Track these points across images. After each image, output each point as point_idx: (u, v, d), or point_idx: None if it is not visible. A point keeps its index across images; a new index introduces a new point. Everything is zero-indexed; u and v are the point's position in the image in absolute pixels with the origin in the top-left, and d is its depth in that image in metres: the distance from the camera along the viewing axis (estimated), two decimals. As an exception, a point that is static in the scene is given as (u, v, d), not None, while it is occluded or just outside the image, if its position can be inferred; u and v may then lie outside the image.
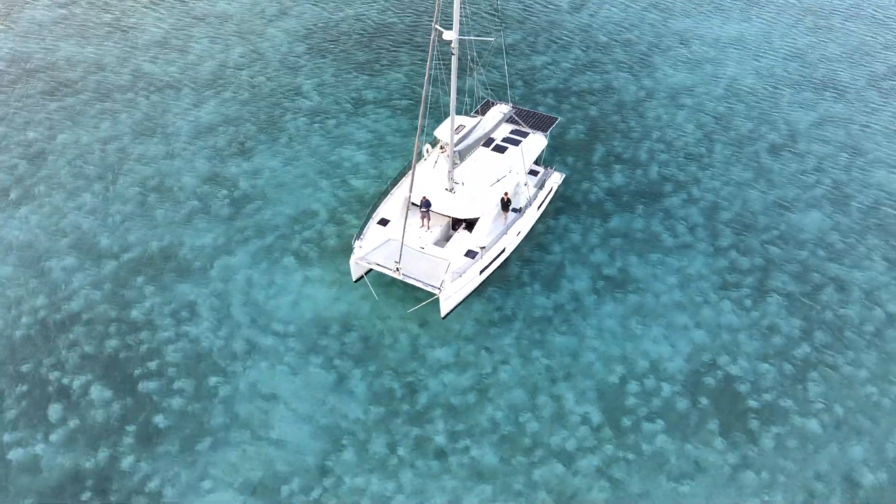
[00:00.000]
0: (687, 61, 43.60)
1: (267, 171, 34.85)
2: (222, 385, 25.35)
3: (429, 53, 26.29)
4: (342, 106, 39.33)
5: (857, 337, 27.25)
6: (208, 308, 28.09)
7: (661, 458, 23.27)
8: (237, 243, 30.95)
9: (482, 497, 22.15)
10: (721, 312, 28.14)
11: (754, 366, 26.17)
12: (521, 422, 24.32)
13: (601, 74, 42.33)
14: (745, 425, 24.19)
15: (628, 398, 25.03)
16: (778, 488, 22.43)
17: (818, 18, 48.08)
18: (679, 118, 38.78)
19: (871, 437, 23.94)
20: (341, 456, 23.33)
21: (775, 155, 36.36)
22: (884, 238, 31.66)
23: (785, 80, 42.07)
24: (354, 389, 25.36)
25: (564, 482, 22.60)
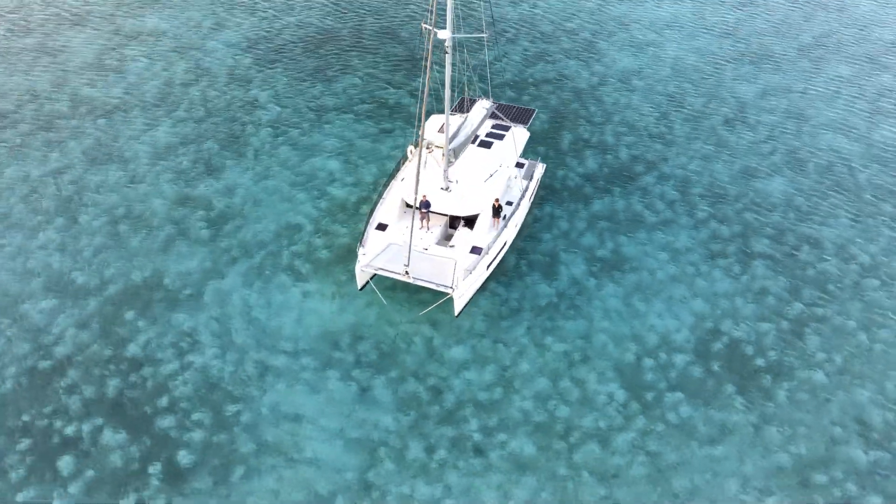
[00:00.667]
0: (630, 45, 45.12)
1: (240, 188, 33.73)
2: (242, 411, 24.45)
3: (426, 52, 26.16)
4: (303, 115, 38.50)
5: (840, 289, 29.12)
6: (209, 335, 26.99)
7: (688, 426, 24.17)
8: (225, 265, 29.84)
9: (529, 488, 22.37)
10: (714, 281, 29.42)
11: (755, 327, 27.54)
12: (550, 409, 24.68)
13: (552, 64, 43.23)
14: (759, 384, 25.45)
15: (646, 373, 25.83)
16: (800, 440, 23.74)
17: (741, -4, 50.82)
18: (635, 100, 40.14)
19: (871, 380, 25.67)
20: (381, 467, 23.00)
21: (730, 128, 38.22)
22: (843, 195, 33.88)
23: (723, 56, 44.23)
24: (379, 398, 25.01)
25: (604, 461, 23.12)
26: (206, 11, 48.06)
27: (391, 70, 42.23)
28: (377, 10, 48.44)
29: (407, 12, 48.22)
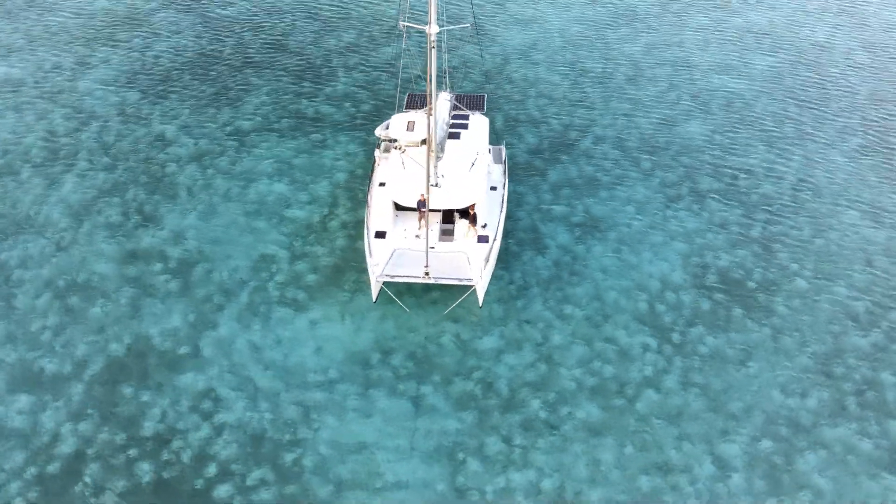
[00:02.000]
0: (516, 22, 46.84)
1: (189, 230, 30.92)
2: (303, 456, 22.79)
3: (428, 49, 25.57)
4: (222, 143, 35.92)
5: (783, 206, 32.71)
6: (230, 389, 24.73)
7: (719, 354, 26.15)
8: (212, 313, 27.37)
9: (612, 448, 23.09)
10: (682, 222, 31.81)
11: (732, 254, 30.23)
12: (596, 370, 25.55)
13: (450, 52, 43.79)
14: (758, 303, 28.08)
15: (663, 317, 27.51)
16: (810, 341, 26.59)
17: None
18: (542, 73, 41.87)
19: (841, 276, 29.28)
20: (467, 469, 22.59)
21: (634, 84, 41.15)
22: (750, 126, 37.83)
23: (600, 21, 47.30)
24: (435, 405, 24.44)
25: (664, 405, 24.43)
26: (59, 50, 42.95)
27: (295, 81, 40.52)
28: (254, 26, 46.07)
29: (286, 23, 46.32)
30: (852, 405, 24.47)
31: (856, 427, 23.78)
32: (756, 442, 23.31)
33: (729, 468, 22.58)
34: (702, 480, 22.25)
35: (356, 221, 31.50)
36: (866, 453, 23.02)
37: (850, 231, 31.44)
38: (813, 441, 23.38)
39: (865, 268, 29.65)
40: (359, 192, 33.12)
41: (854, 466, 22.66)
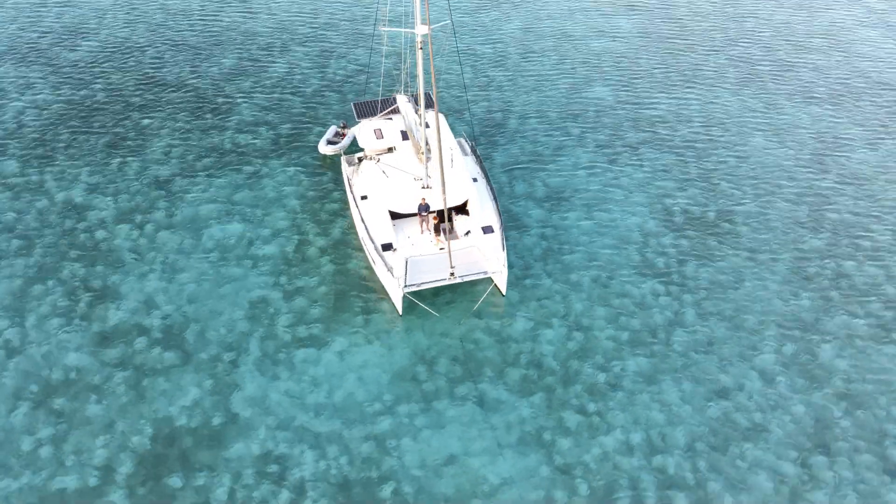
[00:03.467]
0: (391, 21, 46.80)
1: (158, 295, 27.75)
2: (400, 485, 21.77)
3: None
4: (147, 195, 32.42)
5: (709, 141, 36.25)
6: (289, 444, 22.85)
7: (717, 282, 28.66)
8: (229, 374, 24.97)
9: (674, 390, 24.60)
10: (631, 175, 34.14)
11: (685, 194, 33.07)
12: (625, 325, 26.95)
13: (343, 62, 42.81)
14: (724, 230, 31.06)
15: (657, 262, 29.51)
16: (779, 252, 30.02)
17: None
18: (442, 65, 42.34)
19: (776, 193, 33.20)
20: (560, 447, 22.95)
21: (530, 61, 43.01)
22: (643, 80, 41.24)
23: (472, 7, 48.62)
24: (499, 398, 24.42)
25: (695, 338, 26.42)
26: None
27: (195, 116, 37.43)
28: (117, 65, 41.62)
29: (151, 56, 42.35)
30: (836, 296, 28.19)
31: (846, 313, 27.48)
32: (781, 347, 26.13)
33: (772, 377, 25.13)
34: (756, 394, 24.58)
35: (334, 243, 30.20)
36: (864, 332, 26.72)
37: (763, 153, 35.70)
38: (821, 334, 26.66)
39: (791, 181, 33.90)
40: (320, 214, 31.72)
41: (860, 345, 26.23)
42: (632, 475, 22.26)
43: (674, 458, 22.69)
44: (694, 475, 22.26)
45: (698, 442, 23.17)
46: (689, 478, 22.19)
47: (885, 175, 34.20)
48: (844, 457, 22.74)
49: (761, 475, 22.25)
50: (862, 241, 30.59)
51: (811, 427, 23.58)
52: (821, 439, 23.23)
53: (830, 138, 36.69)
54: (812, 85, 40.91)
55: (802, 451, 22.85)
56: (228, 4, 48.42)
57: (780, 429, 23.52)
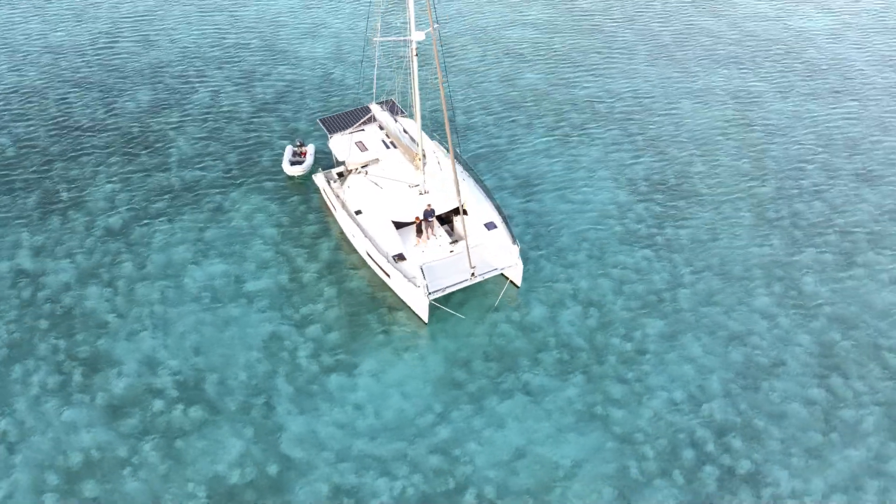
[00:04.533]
0: (307, 34, 45.54)
1: (159, 352, 25.71)
2: (482, 490, 21.74)
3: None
4: (108, 249, 29.89)
5: (641, 115, 38.44)
6: (357, 475, 22.11)
7: (696, 239, 30.70)
8: (266, 418, 23.67)
9: (692, 344, 26.22)
10: (587, 153, 35.62)
11: (641, 164, 35.01)
12: (632, 292, 28.28)
13: (269, 80, 41.23)
14: (686, 192, 33.24)
15: (639, 230, 31.14)
16: (739, 203, 32.61)
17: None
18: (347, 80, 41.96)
19: (718, 152, 35.93)
20: (614, 419, 23.83)
21: (455, 57, 43.50)
22: (566, 63, 42.92)
23: (358, 14, 48.41)
24: (543, 384, 24.92)
25: (696, 293, 28.24)
26: None
27: (129, 156, 34.69)
28: (15, 114, 37.59)
29: (56, 100, 38.60)
30: (798, 234, 31.13)
31: (811, 247, 30.43)
32: (770, 289, 28.56)
33: (772, 316, 27.43)
34: (766, 333, 26.75)
35: (327, 265, 29.30)
36: (831, 261, 29.74)
37: (694, 116, 38.47)
38: (798, 269, 29.38)
39: (726, 138, 36.76)
40: (302, 238, 30.63)
41: (832, 273, 29.18)
42: (688, 429, 23.65)
43: (717, 405, 24.32)
44: (739, 417, 24.00)
45: (731, 385, 24.99)
46: (737, 420, 23.91)
47: (801, 121, 38.01)
48: (856, 374, 25.38)
49: (794, 404, 24.39)
50: (801, 182, 33.94)
51: (819, 353, 26.09)
52: (831, 362, 25.77)
53: (745, 95, 40.22)
54: (712, 49, 44.50)
55: (820, 376, 25.26)
56: (121, 35, 45.10)
57: (795, 360, 25.85)
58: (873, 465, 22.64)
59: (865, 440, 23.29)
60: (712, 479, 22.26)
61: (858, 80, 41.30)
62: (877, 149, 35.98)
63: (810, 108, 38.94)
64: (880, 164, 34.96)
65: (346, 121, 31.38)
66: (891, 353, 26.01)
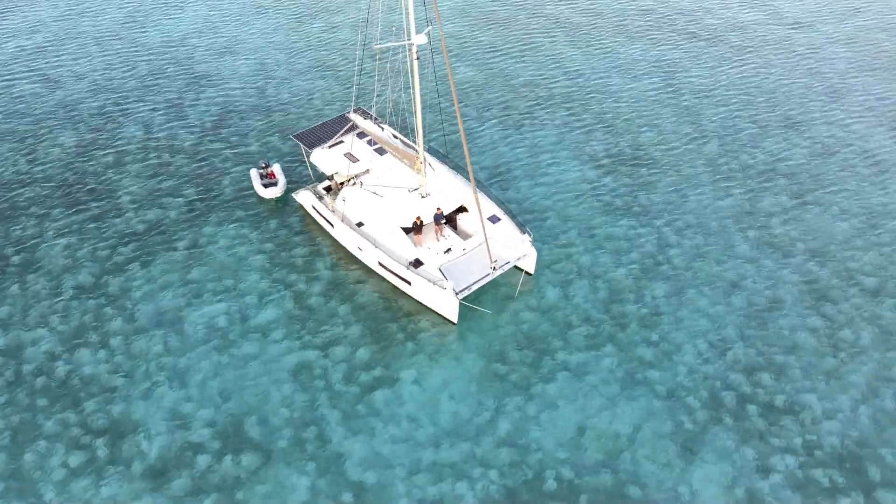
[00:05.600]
0: (225, 51, 43.36)
1: (183, 407, 23.97)
2: (556, 472, 22.15)
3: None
4: (81, 308, 27.45)
5: (583, 95, 40.04)
6: (434, 485, 21.86)
7: (670, 202, 32.60)
8: (322, 450, 22.82)
9: (697, 296, 27.98)
10: (546, 137, 36.70)
11: (597, 140, 36.56)
12: (629, 259, 29.66)
13: (201, 106, 38.97)
14: (645, 160, 35.18)
15: (614, 202, 32.64)
16: (695, 159, 34.97)
17: None
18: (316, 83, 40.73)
19: (659, 122, 38.17)
20: (656, 380, 25.03)
21: (388, 59, 43.14)
22: (498, 53, 43.85)
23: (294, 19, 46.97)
24: (581, 361, 25.69)
25: (686, 251, 30.08)
26: None
27: (73, 208, 31.79)
28: None
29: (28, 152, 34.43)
30: (752, 183, 33.85)
31: (767, 193, 33.18)
32: (745, 236, 30.94)
33: (756, 259, 29.76)
34: (756, 276, 29.00)
35: (331, 284, 28.47)
36: (788, 202, 32.58)
37: (627, 89, 40.56)
38: (762, 215, 31.93)
39: (662, 106, 39.12)
40: (295, 261, 29.52)
41: (793, 213, 32.02)
42: (720, 376, 25.32)
43: (739, 349, 26.19)
44: (762, 357, 25.99)
45: (744, 329, 26.98)
46: (759, 360, 25.88)
47: (722, 83, 41.12)
48: (842, 298, 28.15)
49: (801, 334, 26.74)
50: (739, 136, 36.88)
51: (807, 286, 28.71)
52: (819, 293, 28.42)
53: (664, 64, 42.97)
54: (621, 25, 47.04)
55: (813, 306, 27.81)
56: (16, 77, 40.88)
57: (788, 295, 28.31)
58: (883, 373, 25.39)
59: (868, 354, 26.03)
60: (757, 416, 24.06)
61: (754, 37, 45.29)
62: (789, 96, 39.75)
63: (723, 69, 42.27)
64: (797, 110, 38.67)
65: (324, 133, 30.49)
66: (862, 275, 29.12)
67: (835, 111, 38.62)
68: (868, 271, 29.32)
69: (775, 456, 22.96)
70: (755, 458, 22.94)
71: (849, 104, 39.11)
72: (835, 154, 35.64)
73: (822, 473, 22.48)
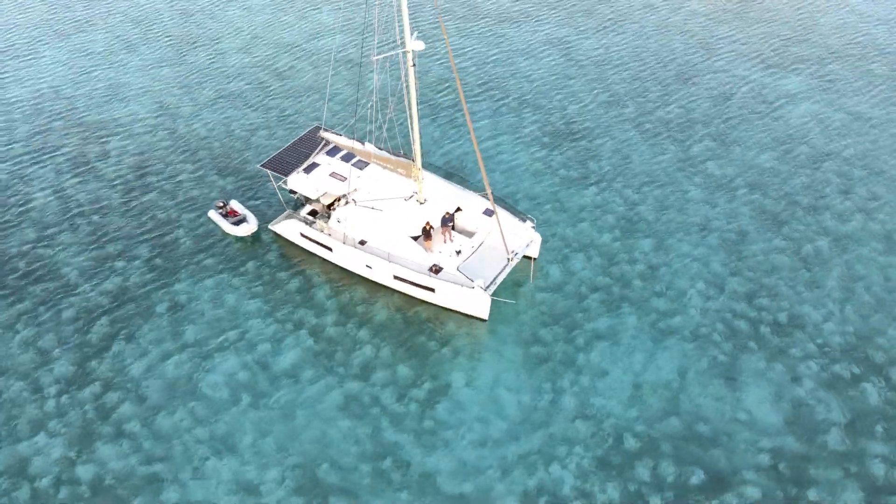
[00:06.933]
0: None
1: (249, 470, 22.13)
2: (632, 431, 23.22)
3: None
4: (76, 403, 24.42)
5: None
6: (529, 474, 22.15)
7: (619, 156, 34.67)
8: (406, 473, 22.10)
9: (700, 236, 30.24)
10: (483, 125, 37.40)
11: (537, 118, 37.84)
12: (615, 221, 31.33)
13: (115, 157, 35.14)
14: (584, 130, 37.06)
15: (569, 171, 34.16)
16: (626, 125, 37.36)
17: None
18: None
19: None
20: (678, 325, 26.86)
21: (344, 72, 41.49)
22: (429, 58, 43.71)
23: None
24: (609, 325, 26.90)
25: (684, 214, 32.28)
26: None
27: (18, 297, 27.77)
28: None
29: None
30: (679, 136, 36.97)
31: (694, 141, 36.42)
32: (694, 182, 33.85)
33: (711, 202, 32.70)
34: (718, 215, 31.88)
35: (341, 310, 27.49)
36: (715, 146, 36.05)
37: (537, 69, 42.28)
38: (700, 160, 35.09)
39: (573, 80, 41.32)
40: (293, 297, 28.02)
41: (722, 152, 35.43)
42: (729, 309, 27.73)
43: (733, 282, 28.76)
44: (752, 283, 28.76)
45: (728, 264, 29.66)
46: (752, 287, 28.65)
47: (613, 52, 44.08)
48: (791, 218, 31.75)
49: (774, 256, 29.88)
50: (648, 96, 40.00)
51: (760, 215, 32.01)
52: (772, 218, 31.72)
53: (557, 42, 45.28)
54: (502, 12, 48.77)
55: (773, 230, 31.15)
56: None
57: (750, 226, 31.39)
58: (849, 274, 29.15)
59: (832, 261, 29.74)
60: (771, 335, 26.74)
61: (624, 7, 49.01)
62: (672, 55, 43.64)
63: (608, 38, 45.41)
64: (683, 66, 42.60)
65: (292, 157, 29.05)
66: (801, 196, 33.02)
67: (714, 61, 43.07)
68: (800, 191, 33.35)
69: (800, 365, 25.76)
70: (785, 371, 25.59)
71: (721, 53, 43.74)
72: (731, 97, 39.89)
73: (841, 368, 25.61)
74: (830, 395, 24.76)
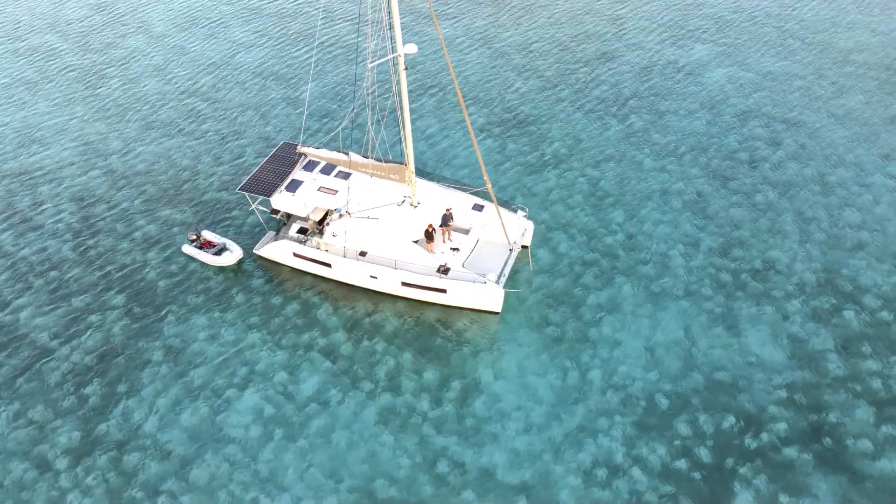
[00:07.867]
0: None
1: (305, 500, 21.01)
2: (682, 389, 24.35)
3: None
4: (98, 467, 22.25)
5: (426, 66, 41.25)
6: (584, 453, 22.73)
7: (573, 135, 35.87)
8: (464, 474, 22.16)
9: (676, 203, 31.84)
10: (431, 123, 37.42)
11: (478, 105, 38.26)
12: (589, 190, 32.40)
13: (55, 209, 32.05)
14: (533, 116, 37.96)
15: (526, 154, 34.97)
16: (579, 99, 38.64)
17: None
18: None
19: (510, 71, 41.11)
20: (684, 283, 28.33)
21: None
22: (339, 45, 42.80)
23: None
24: (610, 297, 27.98)
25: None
26: None
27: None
28: None
29: None
30: (619, 112, 38.81)
31: (634, 114, 38.43)
32: (644, 152, 35.73)
33: (664, 168, 34.67)
34: (675, 178, 33.91)
35: (350, 325, 26.94)
36: (651, 119, 38.16)
37: (469, 63, 42.92)
38: (637, 134, 37.08)
39: (503, 70, 42.27)
40: (293, 320, 27.04)
41: (659, 122, 37.58)
42: (711, 264, 29.62)
43: (706, 239, 30.70)
44: (722, 238, 30.83)
45: (696, 222, 31.63)
46: (723, 241, 30.73)
47: (531, 39, 45.44)
48: (737, 174, 34.28)
49: (732, 210, 32.20)
50: (577, 77, 41.63)
51: (708, 174, 34.31)
52: (719, 175, 34.12)
53: (478, 33, 46.04)
54: (410, 8, 48.95)
55: (724, 187, 33.57)
56: None
57: (705, 186, 33.64)
58: (801, 216, 31.96)
59: (782, 206, 32.38)
60: (752, 281, 28.84)
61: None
62: (587, 35, 45.60)
63: (523, 26, 46.73)
64: (603, 46, 44.64)
65: (271, 176, 27.92)
66: (739, 152, 35.64)
67: (626, 38, 45.47)
68: (737, 149, 36.04)
69: (786, 304, 28.04)
70: (775, 312, 27.76)
71: (629, 29, 46.27)
72: (652, 71, 42.34)
73: (820, 301, 28.12)
74: (819, 327, 27.19)
